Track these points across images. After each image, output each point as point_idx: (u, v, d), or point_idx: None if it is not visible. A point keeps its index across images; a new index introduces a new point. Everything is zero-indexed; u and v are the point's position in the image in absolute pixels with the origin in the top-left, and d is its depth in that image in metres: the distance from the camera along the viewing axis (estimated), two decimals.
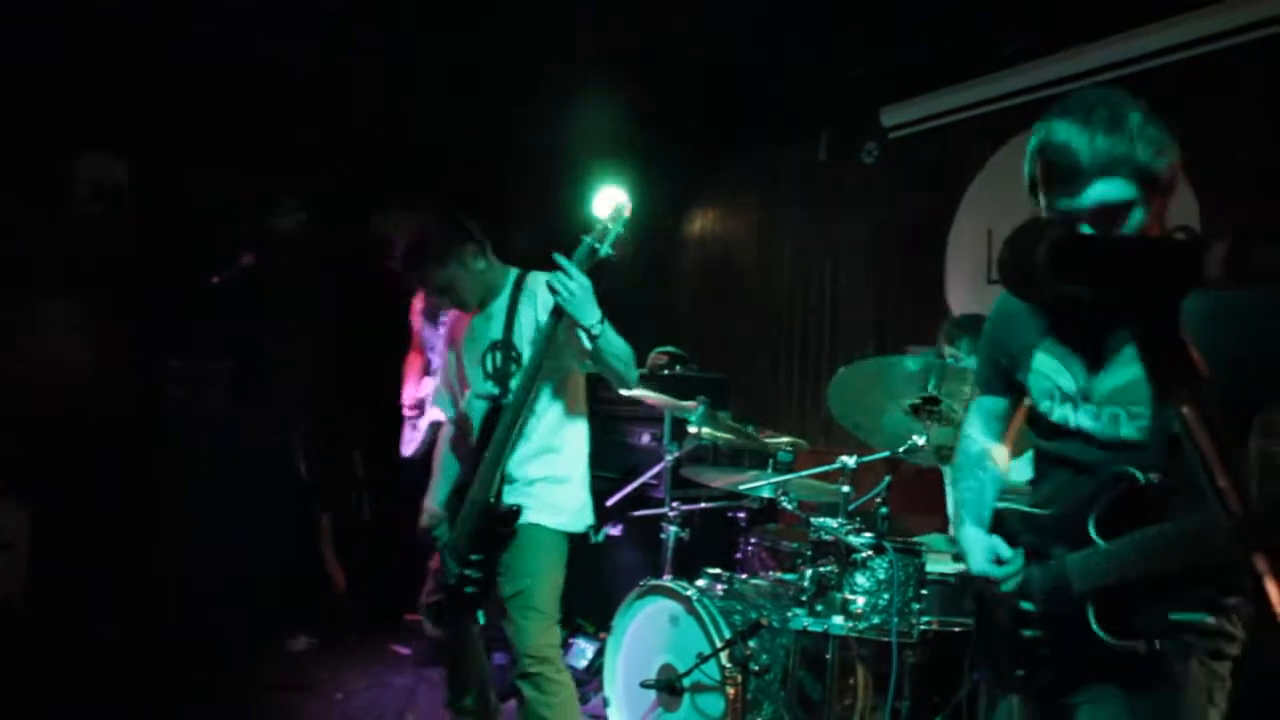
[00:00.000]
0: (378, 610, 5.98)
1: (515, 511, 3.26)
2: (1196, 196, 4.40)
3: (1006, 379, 2.23)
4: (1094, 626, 1.89)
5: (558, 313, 3.11)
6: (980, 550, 2.12)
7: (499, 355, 3.38)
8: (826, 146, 6.38)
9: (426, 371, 4.95)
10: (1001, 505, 2.25)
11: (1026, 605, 2.06)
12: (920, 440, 3.61)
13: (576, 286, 3.02)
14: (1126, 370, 1.92)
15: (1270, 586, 0.87)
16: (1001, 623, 2.14)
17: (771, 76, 6.04)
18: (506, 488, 3.33)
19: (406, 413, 4.98)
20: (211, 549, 5.20)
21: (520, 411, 3.23)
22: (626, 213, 3.13)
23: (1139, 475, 1.86)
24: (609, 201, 3.20)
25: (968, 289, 5.41)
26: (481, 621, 3.38)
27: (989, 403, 2.34)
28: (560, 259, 3.07)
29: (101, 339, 5.54)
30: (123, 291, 5.58)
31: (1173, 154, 1.86)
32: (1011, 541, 2.11)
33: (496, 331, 3.40)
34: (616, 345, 3.18)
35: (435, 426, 4.58)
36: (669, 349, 6.25)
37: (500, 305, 3.44)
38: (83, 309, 5.54)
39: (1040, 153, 1.87)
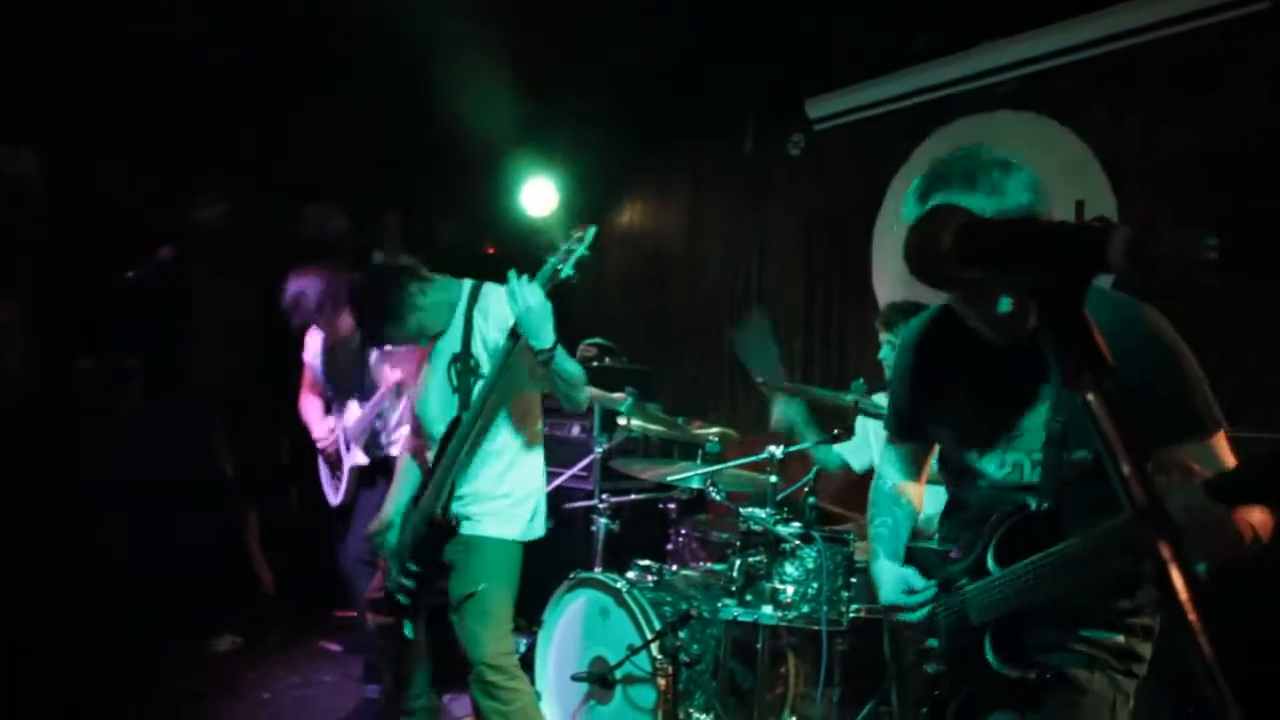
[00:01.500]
0: (306, 607, 5.90)
1: (453, 526, 3.26)
2: (1114, 192, 4.50)
3: (913, 429, 2.28)
4: (989, 656, 1.92)
5: (515, 335, 3.10)
6: (891, 581, 2.15)
7: (459, 366, 3.37)
8: (752, 138, 6.40)
9: (328, 409, 4.71)
10: (913, 545, 2.28)
11: (931, 642, 2.10)
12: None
13: (536, 305, 3.01)
14: (1030, 419, 1.95)
15: (1174, 574, 0.89)
16: (908, 660, 2.19)
17: (697, 69, 6.04)
18: (462, 500, 3.33)
19: (322, 445, 4.65)
20: (130, 551, 5.08)
21: (473, 427, 3.22)
22: (591, 237, 3.10)
23: (1031, 503, 1.91)
24: (553, 204, 3.18)
25: (894, 279, 5.47)
26: (409, 634, 3.35)
27: (900, 448, 2.39)
28: (515, 277, 3.06)
29: (9, 338, 5.36)
30: (32, 288, 5.41)
31: (1047, 199, 1.83)
32: (923, 578, 2.14)
33: (455, 345, 3.38)
34: (568, 368, 3.20)
35: (356, 471, 4.52)
36: (598, 340, 6.24)
37: (457, 319, 3.42)
38: None
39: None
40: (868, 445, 4.35)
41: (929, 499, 2.38)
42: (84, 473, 5.23)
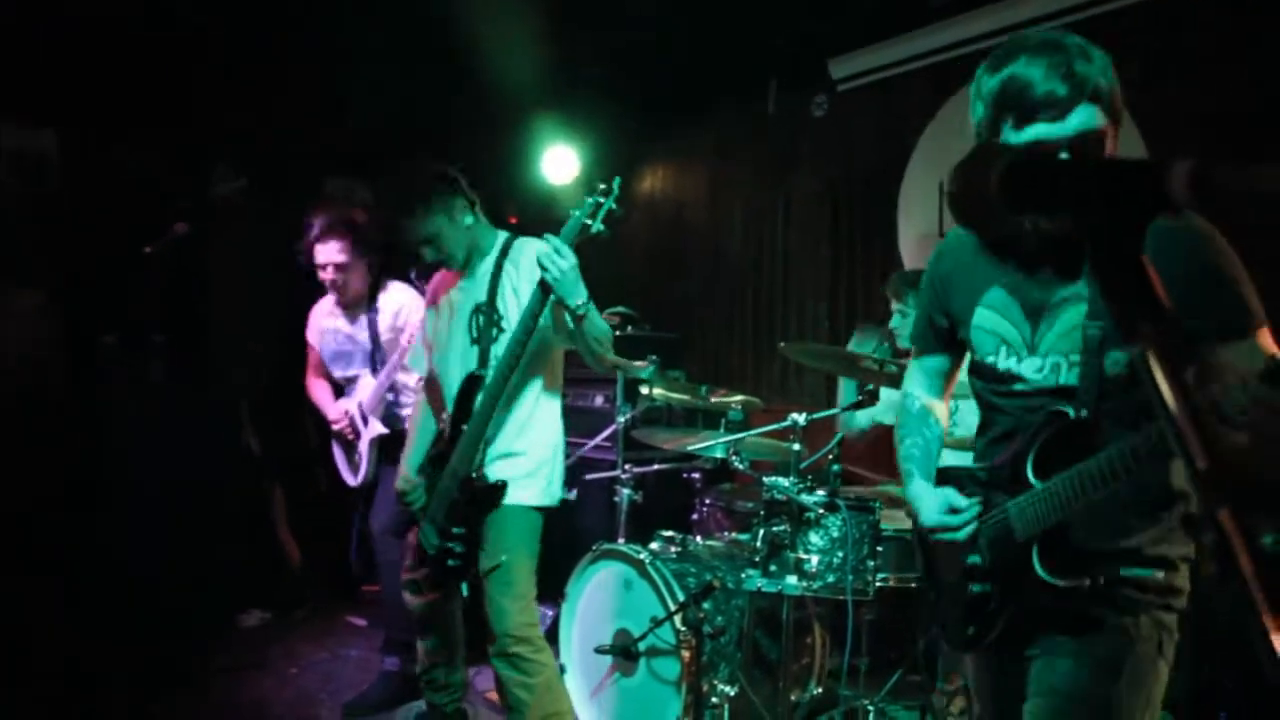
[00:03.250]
0: (332, 582, 5.91)
1: (500, 486, 3.19)
2: (1144, 143, 4.38)
3: (946, 338, 2.22)
4: (1038, 569, 1.88)
5: (545, 289, 3.02)
6: (932, 502, 2.11)
7: (481, 319, 3.30)
8: (775, 100, 6.29)
9: (339, 392, 4.66)
10: (944, 464, 2.24)
11: (974, 559, 2.05)
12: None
13: (567, 265, 2.94)
14: (1066, 318, 1.92)
15: (1235, 542, 0.81)
16: (950, 581, 2.13)
17: (717, 31, 5.92)
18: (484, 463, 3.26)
19: (337, 426, 4.57)
20: (158, 529, 5.09)
21: (502, 386, 3.14)
22: (618, 189, 3.02)
23: (1070, 412, 1.87)
24: (575, 170, 3.10)
25: (920, 242, 5.37)
26: (465, 593, 3.29)
27: (929, 361, 2.33)
28: (550, 237, 2.98)
29: (32, 316, 5.38)
30: (53, 267, 5.42)
31: (1118, 85, 1.84)
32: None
33: (480, 294, 3.31)
34: (598, 326, 3.12)
35: (376, 442, 4.48)
36: (620, 309, 6.17)
37: (486, 268, 3.35)
38: (11, 287, 5.37)
39: (1003, 90, 1.82)
40: (890, 411, 4.28)
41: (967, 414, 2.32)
42: (109, 449, 5.24)
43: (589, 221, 3.01)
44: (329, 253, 4.36)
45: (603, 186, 3.03)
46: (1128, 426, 1.76)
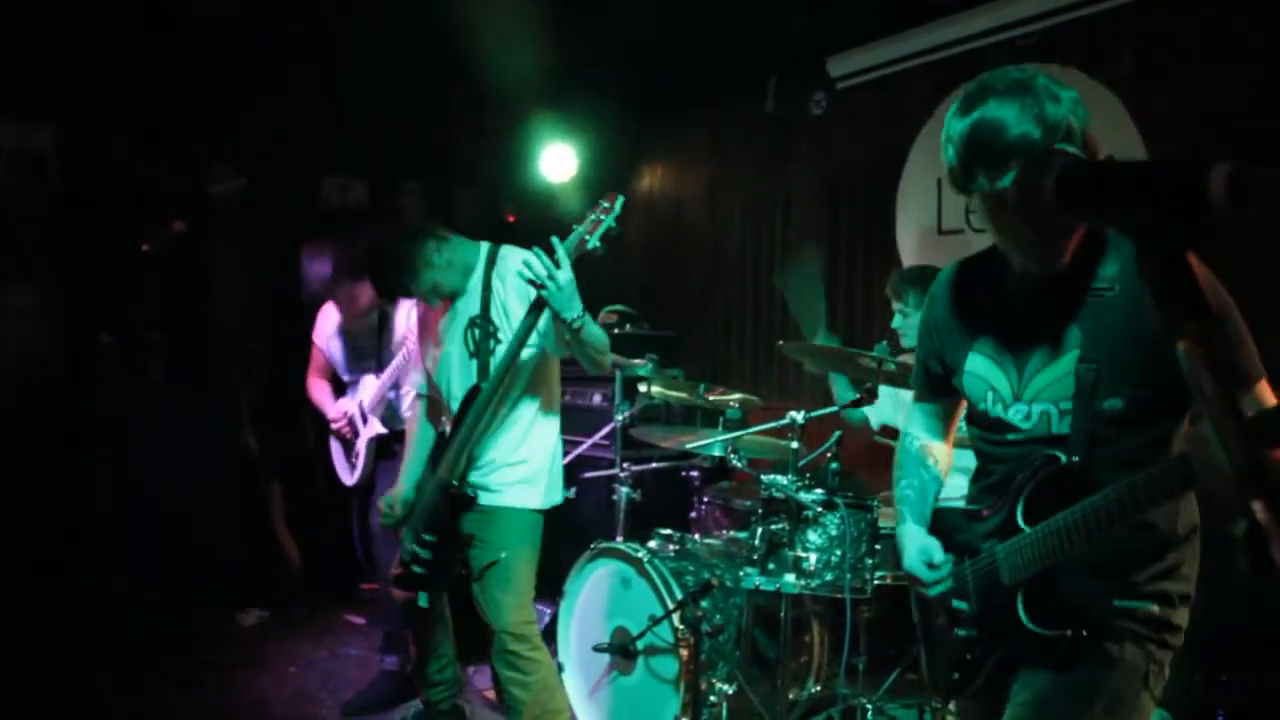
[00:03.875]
0: (331, 581, 5.91)
1: (471, 499, 3.23)
2: (1145, 147, 4.37)
3: (942, 385, 2.21)
4: (1022, 617, 1.87)
5: (538, 305, 3.03)
6: (915, 549, 2.11)
7: (478, 332, 3.32)
8: (774, 98, 6.28)
9: (340, 391, 4.66)
10: (940, 504, 2.23)
11: (961, 604, 2.04)
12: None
13: (563, 280, 2.94)
14: (1057, 365, 1.89)
15: (1270, 532, 0.83)
16: (937, 625, 2.13)
17: (715, 28, 5.92)
18: (480, 470, 3.30)
19: (336, 426, 4.59)
20: (157, 526, 5.09)
21: (493, 397, 3.18)
22: (619, 208, 3.02)
23: (1061, 457, 1.85)
24: (567, 169, 3.12)
25: (919, 240, 5.36)
26: (423, 604, 3.32)
27: (929, 408, 2.33)
28: (542, 253, 2.99)
29: (31, 315, 5.38)
30: (51, 266, 5.41)
31: (1090, 127, 1.78)
32: (949, 541, 2.09)
33: (474, 308, 3.33)
34: (595, 336, 3.14)
35: (374, 441, 4.48)
36: (619, 307, 6.18)
37: (475, 282, 3.36)
38: (9, 286, 5.37)
39: (974, 134, 1.75)
40: (889, 406, 4.27)
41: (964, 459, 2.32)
42: (107, 448, 5.24)
43: (587, 237, 3.02)
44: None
45: (605, 204, 3.03)
46: (1118, 472, 1.74)
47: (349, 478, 4.61)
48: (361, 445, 4.48)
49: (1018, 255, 1.89)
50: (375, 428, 4.44)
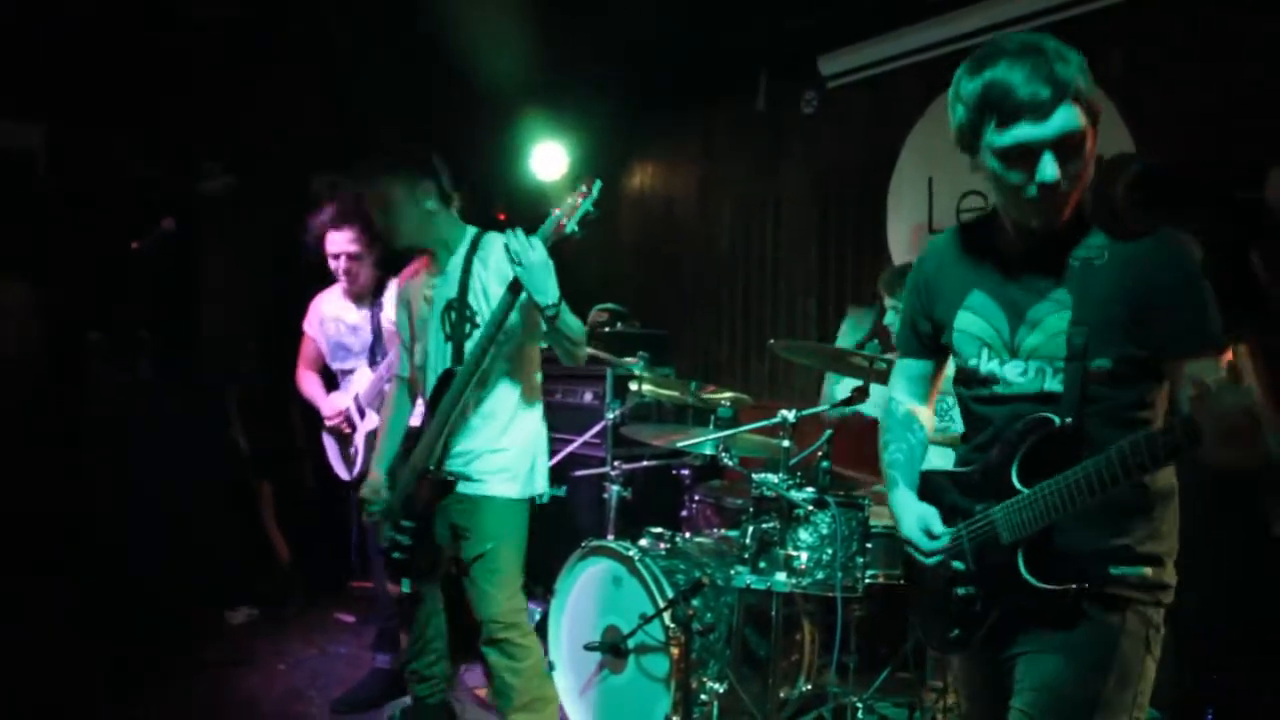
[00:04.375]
0: (321, 579, 5.90)
1: (450, 482, 3.21)
2: (1135, 144, 4.39)
3: (929, 343, 2.25)
4: (1024, 573, 1.90)
5: (515, 289, 3.03)
6: (912, 517, 2.13)
7: (454, 315, 3.31)
8: (765, 97, 6.28)
9: (331, 384, 4.63)
10: (928, 469, 2.25)
11: (958, 565, 2.06)
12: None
13: (538, 261, 2.95)
14: (1049, 324, 1.95)
15: None
16: (934, 584, 2.13)
17: (708, 27, 5.92)
18: (463, 459, 3.28)
19: (332, 423, 4.56)
20: (145, 524, 5.06)
21: (469, 382, 3.17)
22: (597, 192, 3.02)
23: (1054, 419, 1.90)
24: (563, 168, 3.11)
25: (910, 238, 5.37)
26: (405, 589, 3.32)
27: (912, 366, 2.35)
28: (517, 232, 3.00)
29: (19, 312, 5.34)
30: (39, 263, 5.38)
31: (1095, 85, 1.86)
32: (938, 503, 2.13)
33: (451, 290, 3.32)
34: (571, 325, 3.14)
35: (372, 435, 4.44)
36: (609, 306, 6.17)
37: (455, 264, 3.35)
38: None
39: (985, 94, 1.83)
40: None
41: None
42: (96, 446, 5.21)
43: (565, 221, 3.01)
44: (341, 242, 4.36)
45: (582, 188, 3.03)
46: (1109, 431, 1.82)
47: (346, 473, 4.60)
48: (359, 440, 4.47)
49: (1019, 212, 1.93)
50: (372, 421, 4.42)
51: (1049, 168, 1.80)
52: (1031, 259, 1.98)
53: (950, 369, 2.27)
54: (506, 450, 3.31)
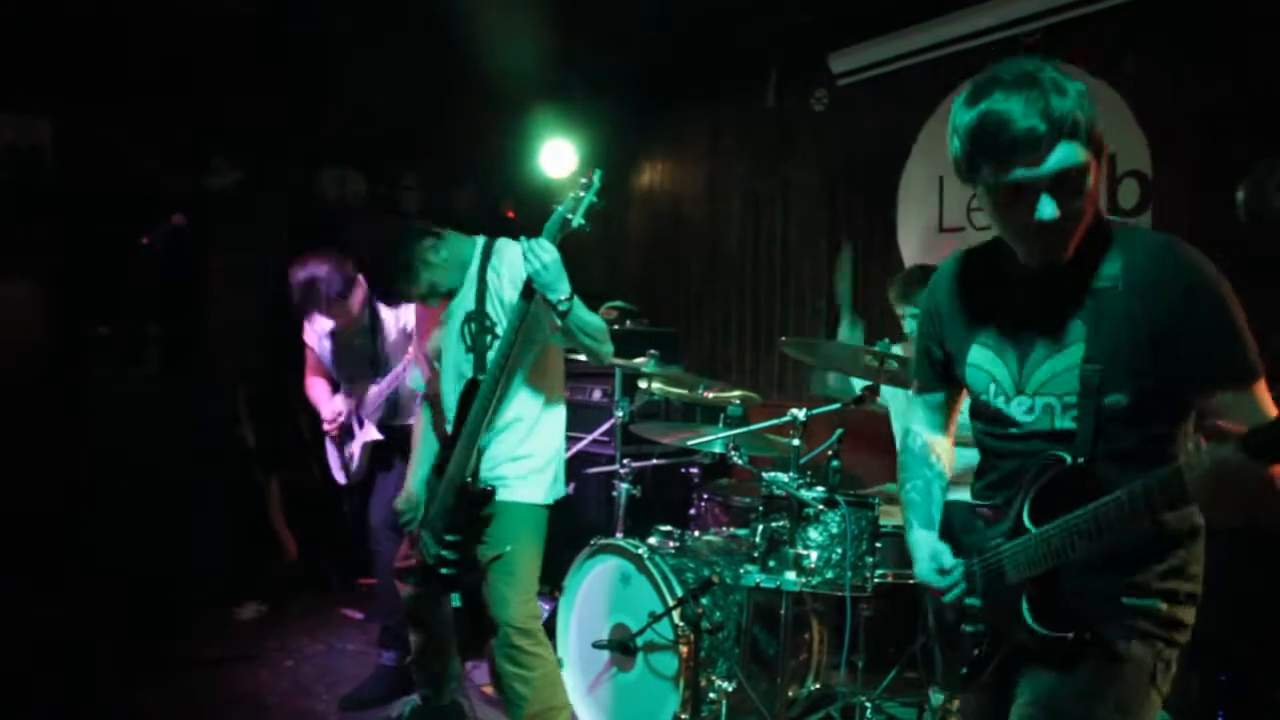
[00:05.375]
0: (329, 575, 5.90)
1: (489, 492, 3.20)
2: (1148, 144, 4.37)
3: (943, 372, 2.20)
4: (1026, 617, 1.86)
5: (528, 292, 3.02)
6: (926, 556, 2.09)
7: (474, 326, 3.30)
8: (775, 95, 6.26)
9: (335, 389, 4.62)
10: (949, 500, 2.21)
11: (971, 600, 2.03)
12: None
13: (549, 259, 2.94)
14: (1059, 359, 1.88)
15: None
16: (947, 620, 2.12)
17: (716, 23, 5.91)
18: (485, 465, 3.27)
19: (328, 427, 4.57)
20: (152, 520, 5.07)
21: (495, 389, 3.15)
22: (599, 182, 3.00)
23: (1067, 458, 1.84)
24: (571, 164, 3.10)
25: (920, 237, 5.36)
26: (456, 604, 3.29)
27: (929, 397, 2.31)
28: (527, 239, 2.99)
29: (25, 307, 5.36)
30: (48, 258, 5.40)
31: (1099, 116, 1.78)
32: (958, 541, 2.09)
33: (469, 302, 3.32)
34: (586, 321, 3.12)
35: (369, 447, 4.47)
36: (618, 304, 6.17)
37: (471, 275, 3.35)
38: (5, 274, 5.36)
39: (980, 126, 1.76)
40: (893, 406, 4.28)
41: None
42: (103, 441, 5.22)
43: (570, 216, 3.00)
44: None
45: (584, 180, 3.02)
46: (1124, 471, 1.74)
47: (343, 479, 4.61)
48: (355, 449, 4.47)
49: (1021, 249, 1.88)
50: (370, 434, 4.42)
51: (1047, 208, 1.74)
52: (1041, 289, 1.91)
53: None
54: (530, 456, 3.31)
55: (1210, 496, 1.53)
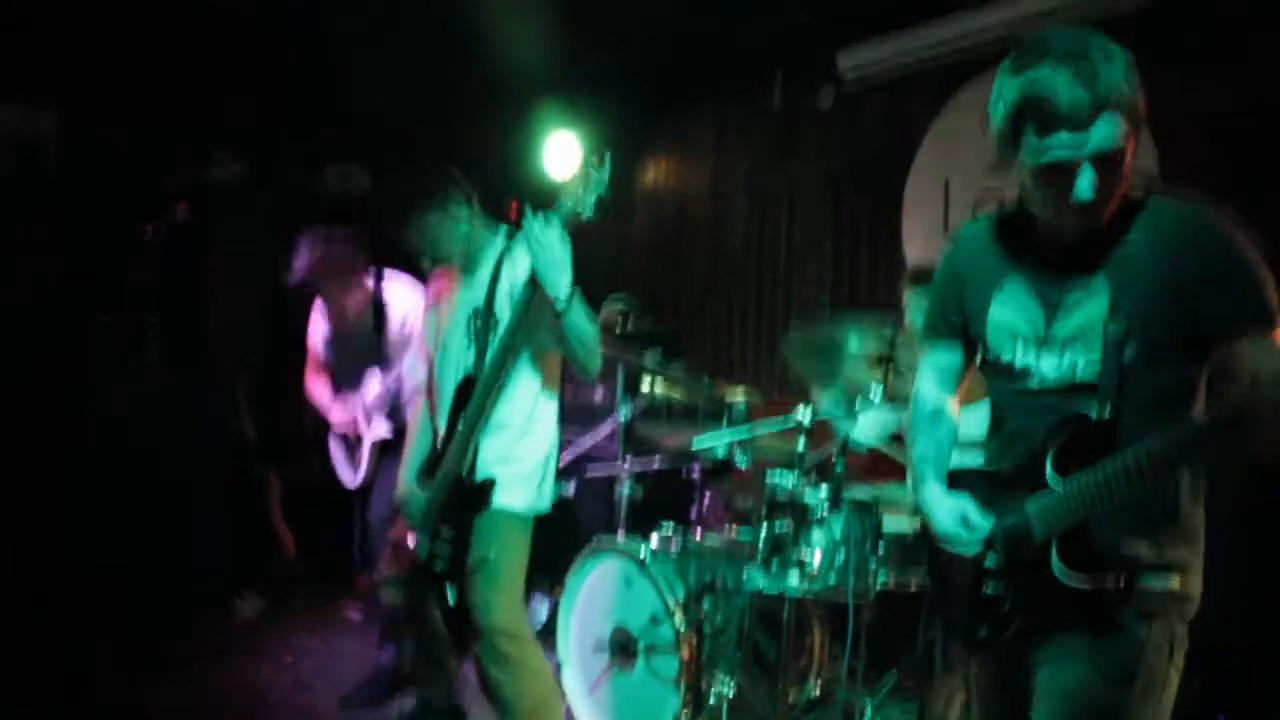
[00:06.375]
0: (328, 571, 5.89)
1: (487, 485, 3.16)
2: (1155, 144, 4.35)
3: (958, 331, 2.19)
4: (1056, 569, 1.86)
5: (533, 284, 2.98)
6: (947, 511, 2.07)
7: (479, 322, 3.25)
8: (780, 92, 6.23)
9: (338, 390, 4.61)
10: (955, 465, 2.20)
11: (990, 559, 2.01)
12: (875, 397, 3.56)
13: (553, 246, 2.90)
14: (1082, 313, 1.90)
15: None
16: (962, 581, 2.09)
17: (723, 21, 5.88)
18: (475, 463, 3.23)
19: (340, 429, 4.57)
20: (153, 513, 5.06)
21: (492, 385, 3.11)
22: (607, 172, 2.97)
23: (1090, 413, 1.86)
24: (577, 160, 3.06)
25: (925, 238, 5.33)
26: (451, 600, 3.27)
27: (940, 358, 2.28)
28: (538, 219, 2.95)
29: (28, 296, 5.34)
30: (49, 247, 5.38)
31: (1139, 89, 1.81)
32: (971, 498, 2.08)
33: (479, 297, 3.27)
34: (583, 328, 3.05)
35: (378, 446, 4.45)
36: (620, 301, 6.13)
37: (486, 271, 3.31)
38: (7, 266, 5.34)
39: (1025, 97, 1.78)
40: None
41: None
42: (103, 431, 5.21)
43: (578, 208, 2.98)
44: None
45: (592, 170, 2.99)
46: (1146, 422, 1.77)
47: (351, 479, 4.58)
48: (366, 447, 4.45)
49: (1053, 221, 1.89)
50: (380, 430, 4.40)
51: (1085, 186, 1.76)
52: (1068, 250, 1.93)
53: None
54: (519, 461, 3.26)
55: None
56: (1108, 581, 1.83)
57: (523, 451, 3.26)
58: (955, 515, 2.05)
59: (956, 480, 2.16)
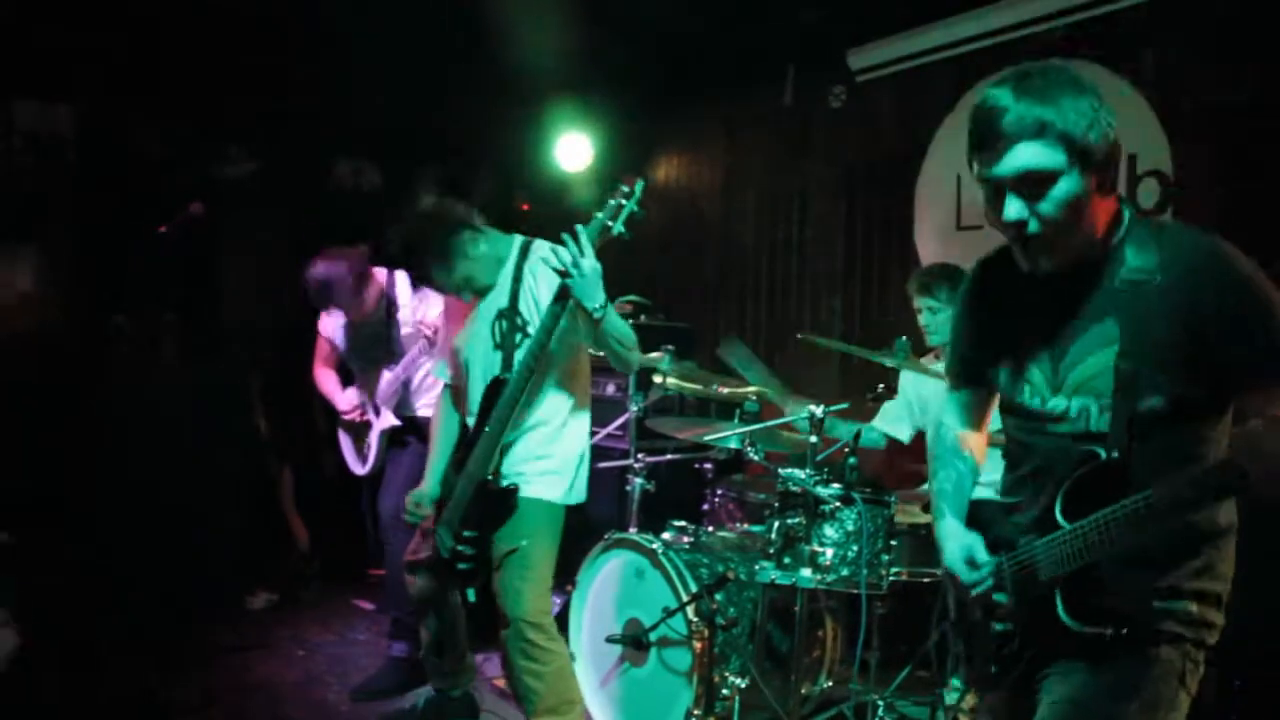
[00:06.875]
0: (340, 566, 5.90)
1: (512, 490, 3.20)
2: (1168, 142, 4.34)
3: (975, 373, 2.19)
4: (1061, 613, 1.85)
5: (563, 296, 3.01)
6: (957, 547, 2.08)
7: (505, 324, 3.30)
8: (792, 91, 6.24)
9: (347, 379, 4.66)
10: (976, 497, 2.20)
11: (999, 597, 2.02)
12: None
13: (588, 267, 2.92)
14: (1095, 360, 1.87)
15: None
16: (974, 617, 2.11)
17: (735, 19, 5.88)
18: (506, 461, 3.27)
19: (349, 417, 4.60)
20: (166, 508, 5.08)
21: (521, 389, 3.14)
22: (641, 191, 2.99)
23: (1101, 454, 1.83)
24: (582, 159, 3.08)
25: (937, 236, 5.33)
26: (471, 599, 3.29)
27: (962, 396, 2.29)
28: (570, 239, 2.95)
29: (43, 294, 5.37)
30: (65, 244, 5.41)
31: (1110, 133, 1.77)
32: (985, 536, 2.07)
33: (502, 300, 3.31)
34: (619, 329, 3.10)
35: (386, 433, 4.48)
36: (633, 298, 6.15)
37: (506, 274, 3.34)
38: (22, 264, 5.37)
39: (971, 117, 1.82)
40: (909, 411, 4.23)
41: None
42: (118, 428, 5.23)
43: (610, 223, 2.99)
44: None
45: (625, 189, 3.00)
46: (1159, 469, 1.74)
47: (360, 468, 4.62)
48: (374, 437, 4.48)
49: (1015, 250, 1.88)
50: (388, 419, 4.43)
51: (1009, 207, 1.77)
52: (1067, 287, 1.90)
53: None
54: (552, 457, 3.32)
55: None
56: (1109, 632, 1.82)
57: (557, 448, 3.33)
58: (963, 552, 2.05)
59: (980, 511, 2.16)
